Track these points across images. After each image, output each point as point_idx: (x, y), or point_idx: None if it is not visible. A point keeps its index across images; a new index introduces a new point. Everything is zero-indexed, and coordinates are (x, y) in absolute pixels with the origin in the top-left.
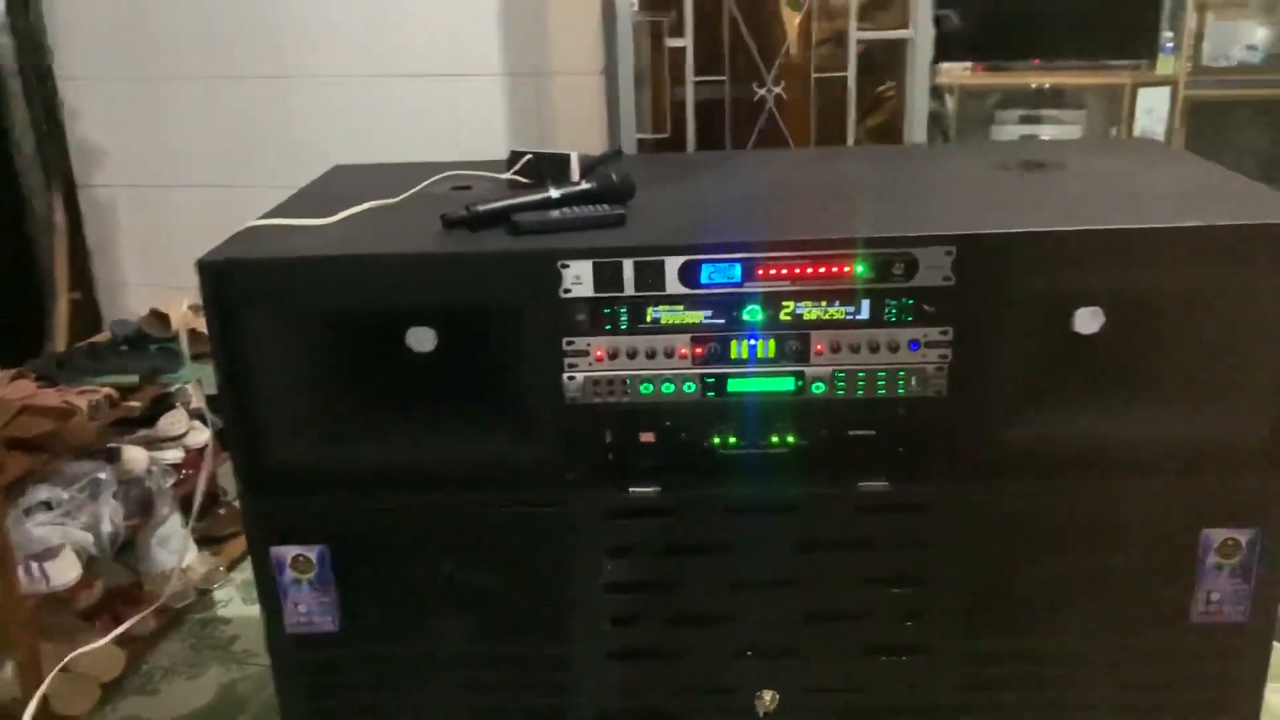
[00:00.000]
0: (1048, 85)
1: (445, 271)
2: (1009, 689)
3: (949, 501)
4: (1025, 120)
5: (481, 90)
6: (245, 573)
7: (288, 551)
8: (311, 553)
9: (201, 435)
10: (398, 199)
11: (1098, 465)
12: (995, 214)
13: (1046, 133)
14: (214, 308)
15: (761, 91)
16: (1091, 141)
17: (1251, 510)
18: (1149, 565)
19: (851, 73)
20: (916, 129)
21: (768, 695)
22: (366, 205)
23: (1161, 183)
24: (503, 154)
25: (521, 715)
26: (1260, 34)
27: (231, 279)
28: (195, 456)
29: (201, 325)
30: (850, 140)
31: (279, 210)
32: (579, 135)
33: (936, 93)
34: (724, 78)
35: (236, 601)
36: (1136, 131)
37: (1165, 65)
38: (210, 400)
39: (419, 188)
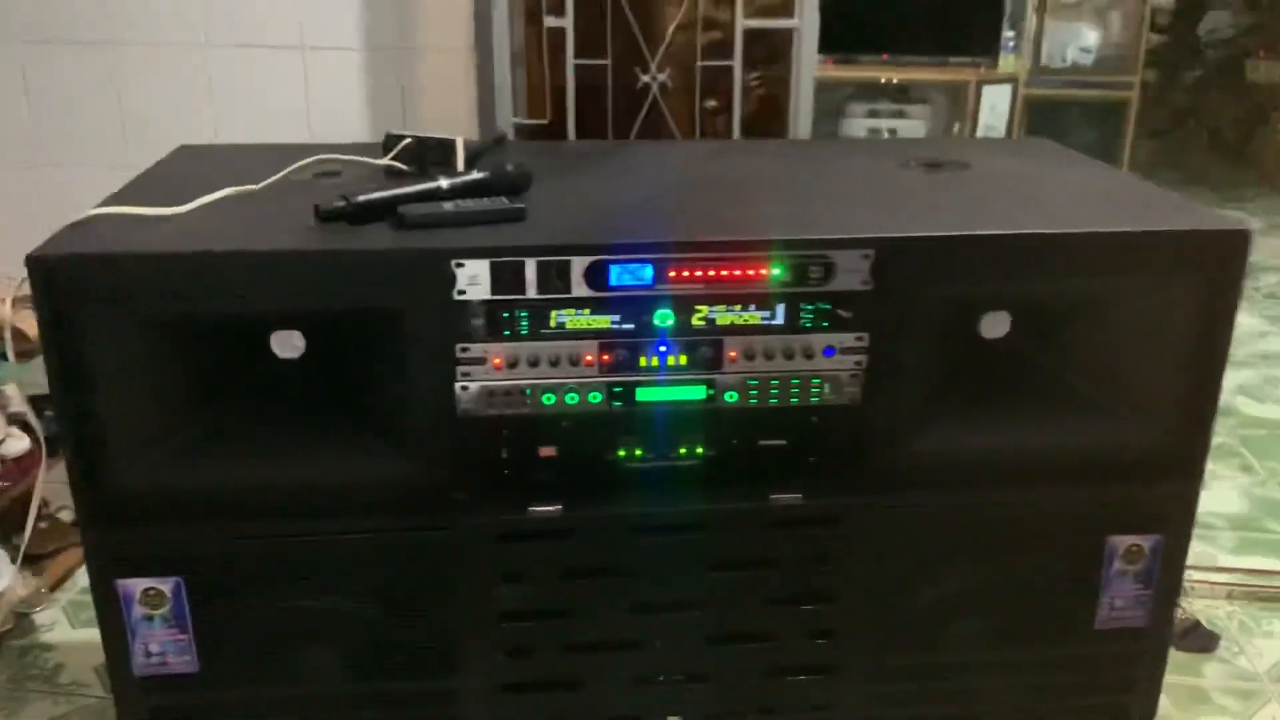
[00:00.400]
0: (895, 80)
1: (322, 271)
2: (917, 703)
3: (861, 513)
4: (874, 114)
5: (338, 65)
6: (70, 593)
7: (136, 585)
8: (165, 586)
9: (20, 443)
10: (259, 186)
11: (1007, 474)
12: (912, 216)
13: (894, 126)
14: (47, 310)
15: (646, 78)
16: (987, 142)
17: (1154, 517)
18: (1055, 573)
19: (738, 62)
20: (801, 123)
21: None
22: (224, 192)
23: (1065, 185)
24: (360, 136)
25: None
26: (1092, 36)
27: (68, 277)
28: (13, 467)
29: (24, 322)
30: (736, 131)
31: (121, 196)
32: (447, 118)
33: None
34: (606, 61)
35: (62, 625)
36: (980, 127)
37: (1007, 64)
38: (34, 403)
39: (283, 173)
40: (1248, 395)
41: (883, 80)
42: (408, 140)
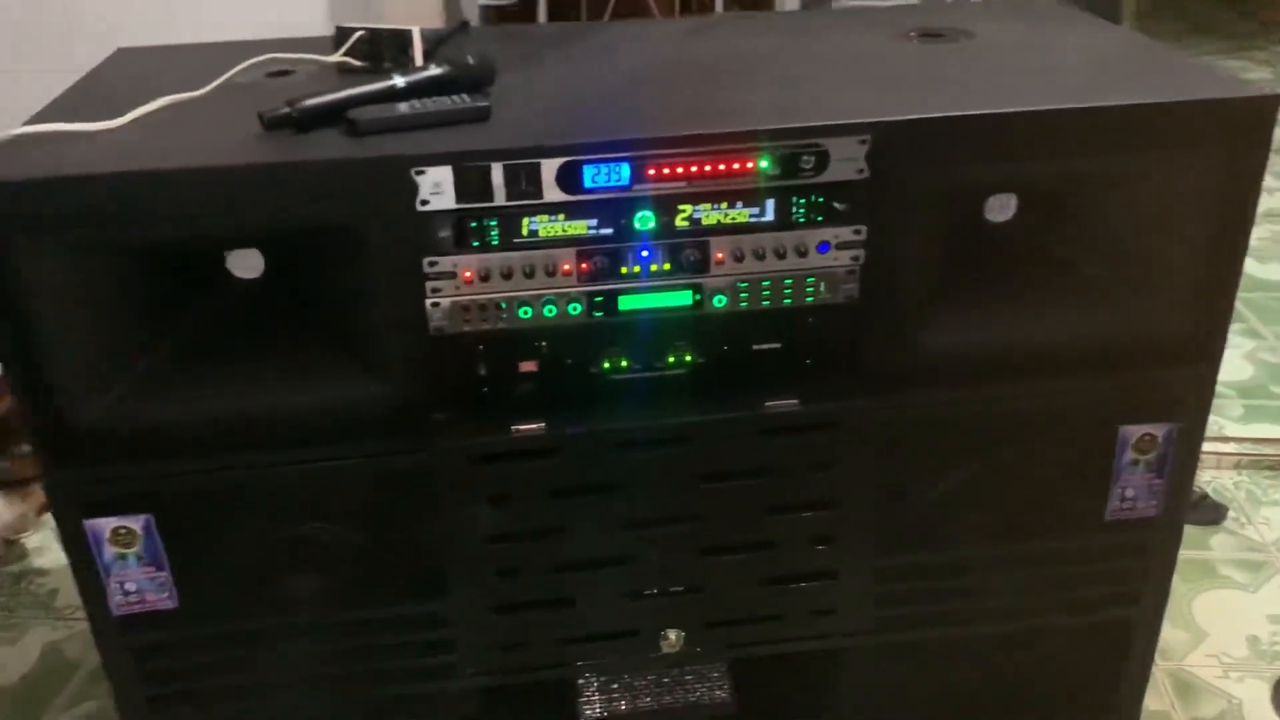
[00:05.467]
0: None
1: (269, 186)
2: (921, 602)
3: (861, 416)
4: None
5: None
6: None
7: (105, 524)
8: (135, 523)
9: None
10: (201, 91)
11: (1014, 366)
12: (910, 96)
13: None
14: None
15: None
16: (991, 5)
17: (1169, 404)
18: (1065, 466)
19: None
20: None
21: (672, 634)
22: (162, 101)
23: (1076, 53)
24: (322, 30)
25: (401, 677)
26: None
27: None
28: None
29: None
30: (718, 5)
31: (52, 110)
32: (410, 3)
33: None
34: None
35: (54, 550)
36: None
37: None
38: None
39: (226, 76)
40: (1253, 256)
41: None
42: (360, 33)
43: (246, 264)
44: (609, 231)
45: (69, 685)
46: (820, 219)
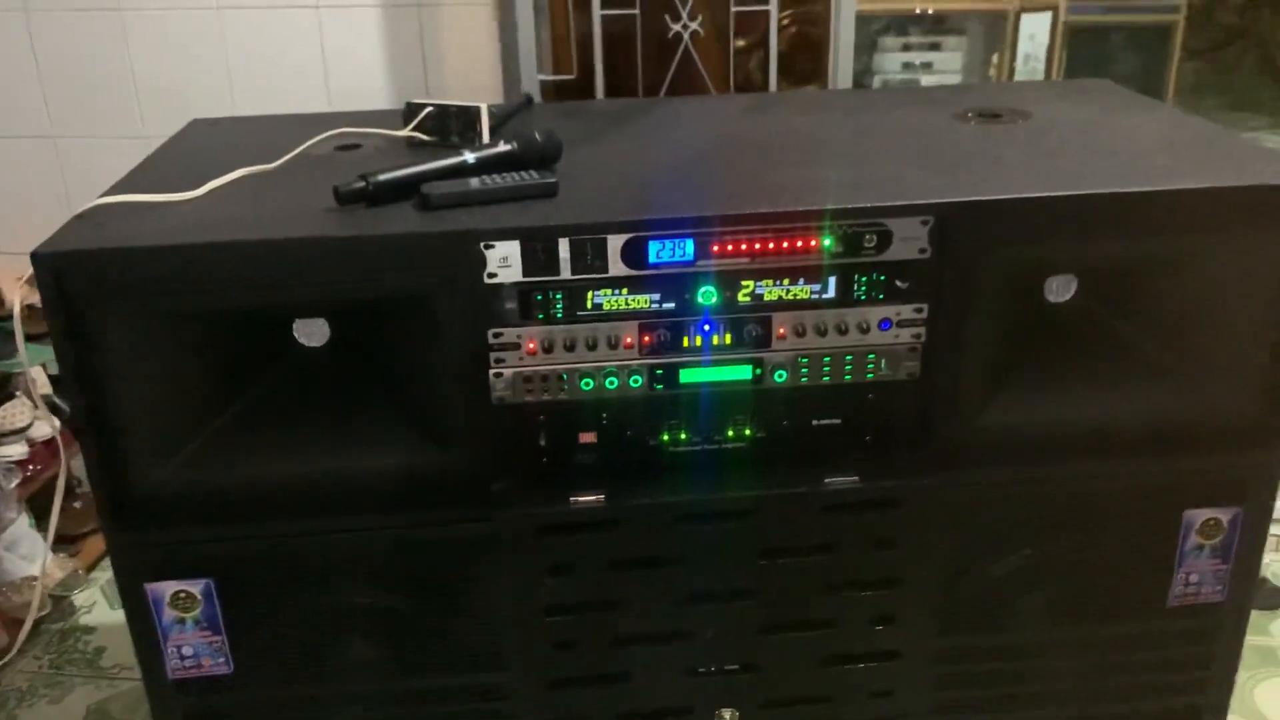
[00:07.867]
0: (931, 10)
1: (343, 258)
2: (982, 685)
3: (922, 494)
4: (908, 48)
5: (354, 22)
6: (108, 573)
7: (166, 588)
8: (195, 588)
9: (50, 426)
10: (275, 164)
11: (1076, 446)
12: (972, 177)
13: (929, 59)
14: (57, 308)
15: (677, 26)
16: (1045, 85)
17: (1234, 489)
18: (1127, 550)
19: (774, 5)
20: (842, 63)
21: (727, 713)
22: (238, 174)
23: (1134, 135)
24: (380, 100)
25: None
26: None
27: (76, 274)
28: (42, 449)
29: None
30: (773, 77)
31: (130, 180)
32: (470, 77)
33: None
34: (634, 10)
35: (101, 606)
36: (1020, 57)
37: None
38: (57, 382)
39: (299, 150)
40: None
41: (917, 10)
42: (429, 109)
43: (312, 332)
44: (671, 306)
45: None
46: (882, 296)
